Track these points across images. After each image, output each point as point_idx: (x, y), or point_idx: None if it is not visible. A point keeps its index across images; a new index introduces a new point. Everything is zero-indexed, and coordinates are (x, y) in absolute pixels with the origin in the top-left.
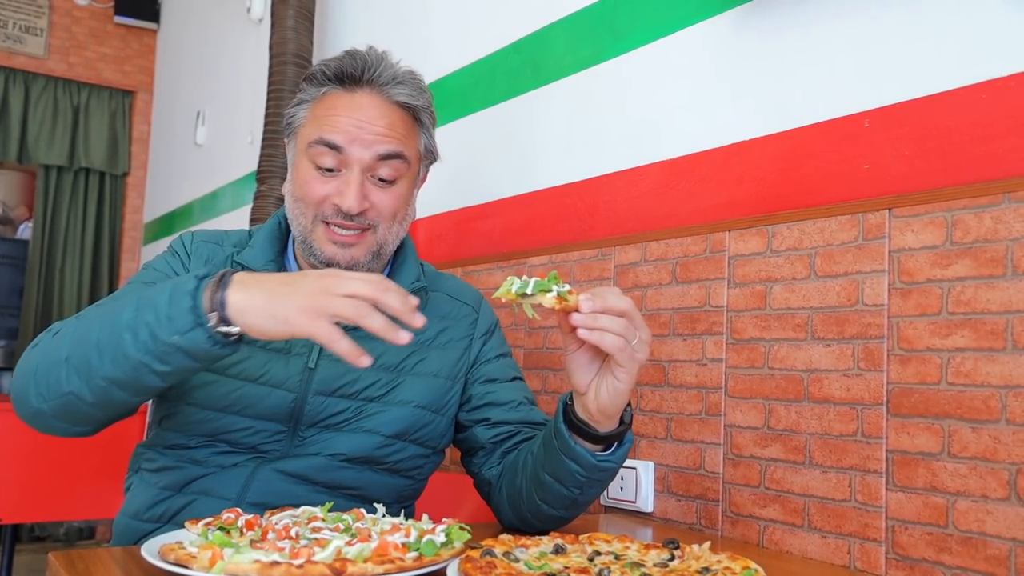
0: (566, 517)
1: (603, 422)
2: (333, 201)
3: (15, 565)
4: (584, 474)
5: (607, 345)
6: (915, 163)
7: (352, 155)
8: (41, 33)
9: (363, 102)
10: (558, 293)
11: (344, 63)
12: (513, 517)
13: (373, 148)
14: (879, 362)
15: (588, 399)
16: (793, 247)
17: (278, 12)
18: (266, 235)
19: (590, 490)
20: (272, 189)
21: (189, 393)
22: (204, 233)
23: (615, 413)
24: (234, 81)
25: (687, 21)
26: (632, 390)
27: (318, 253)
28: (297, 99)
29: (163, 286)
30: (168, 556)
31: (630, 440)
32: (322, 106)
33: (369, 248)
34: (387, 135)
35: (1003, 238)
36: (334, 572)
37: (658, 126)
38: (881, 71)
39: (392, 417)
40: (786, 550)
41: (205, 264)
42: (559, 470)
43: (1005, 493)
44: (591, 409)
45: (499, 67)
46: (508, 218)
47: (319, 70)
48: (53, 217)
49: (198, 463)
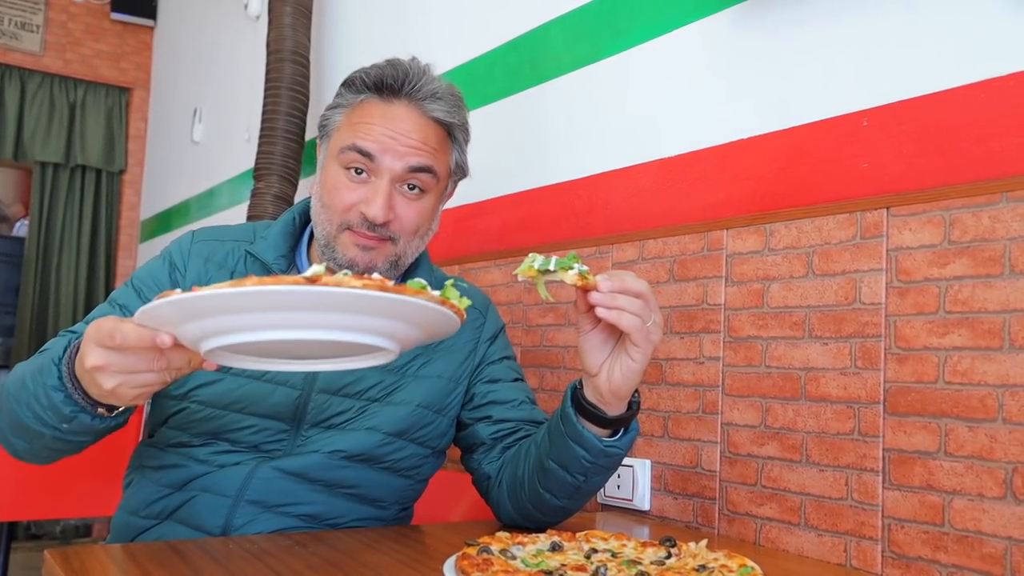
0: (568, 507)
1: (613, 404)
2: (360, 209)
3: (11, 563)
4: (590, 459)
5: (625, 324)
6: (913, 162)
7: (383, 164)
8: (37, 30)
9: (399, 113)
10: (579, 271)
11: (385, 73)
12: (512, 509)
13: (404, 160)
14: (876, 361)
15: (600, 380)
16: (791, 246)
17: (275, 9)
18: (280, 229)
19: (594, 478)
20: (269, 187)
21: (193, 392)
22: (205, 231)
23: (626, 394)
24: (231, 78)
25: (685, 19)
26: (644, 371)
27: (340, 256)
28: (334, 102)
29: (42, 371)
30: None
31: (636, 429)
32: (358, 113)
33: (387, 257)
34: (420, 148)
35: (1001, 237)
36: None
37: (656, 124)
38: (880, 70)
39: (393, 416)
40: (782, 548)
41: (205, 263)
42: (564, 456)
43: (1001, 492)
44: (603, 390)
45: (497, 64)
46: (506, 216)
47: (359, 77)
48: (49, 214)
49: (200, 462)
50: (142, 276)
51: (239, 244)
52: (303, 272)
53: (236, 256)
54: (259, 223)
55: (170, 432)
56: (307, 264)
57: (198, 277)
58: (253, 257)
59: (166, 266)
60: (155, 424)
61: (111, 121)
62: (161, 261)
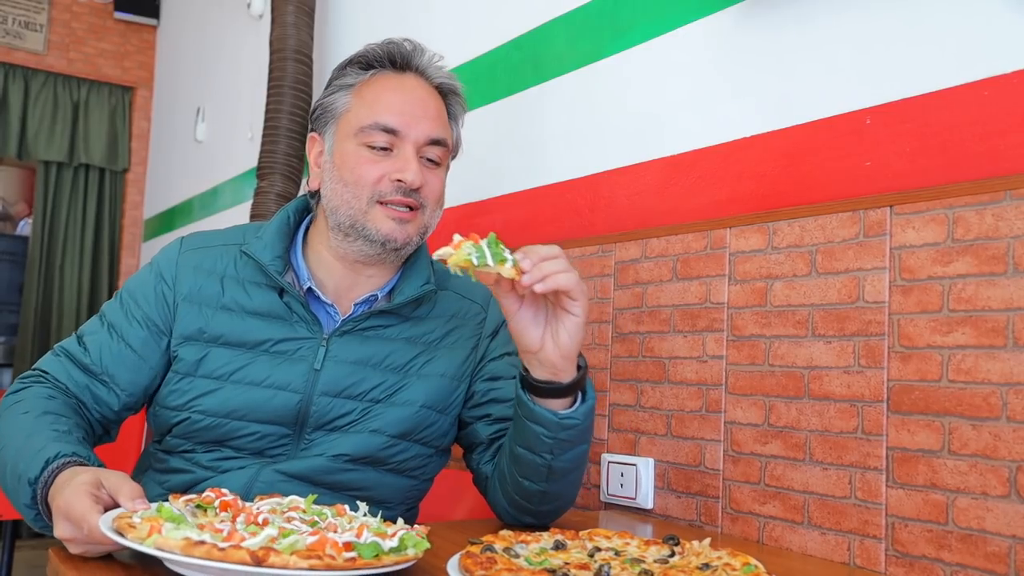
0: (548, 491)
1: (566, 369)
2: (392, 177)
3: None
4: (549, 435)
5: (562, 283)
6: (917, 160)
7: (408, 136)
8: (41, 29)
9: (412, 83)
10: (513, 263)
11: (393, 47)
12: (507, 505)
13: (425, 131)
14: (880, 359)
15: (547, 350)
16: (794, 244)
17: (278, 8)
18: (277, 228)
19: (561, 455)
20: (272, 185)
21: (192, 402)
22: (193, 239)
23: (575, 352)
24: (234, 77)
25: (688, 17)
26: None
27: (373, 233)
28: (333, 87)
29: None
30: (114, 524)
31: (593, 397)
32: (371, 89)
33: (418, 228)
34: (436, 118)
35: (1004, 235)
36: (254, 560)
37: (659, 123)
38: (883, 68)
39: (397, 417)
40: (786, 547)
41: (195, 272)
42: (527, 438)
43: (1005, 490)
44: (553, 359)
45: (500, 63)
46: (509, 214)
47: (366, 54)
48: (53, 213)
49: (204, 467)
50: (132, 290)
51: (229, 247)
52: (300, 278)
53: (226, 260)
54: (249, 225)
55: (174, 440)
56: (303, 266)
57: (190, 290)
58: (247, 257)
59: (154, 279)
60: (159, 432)
61: (114, 120)
62: (149, 272)
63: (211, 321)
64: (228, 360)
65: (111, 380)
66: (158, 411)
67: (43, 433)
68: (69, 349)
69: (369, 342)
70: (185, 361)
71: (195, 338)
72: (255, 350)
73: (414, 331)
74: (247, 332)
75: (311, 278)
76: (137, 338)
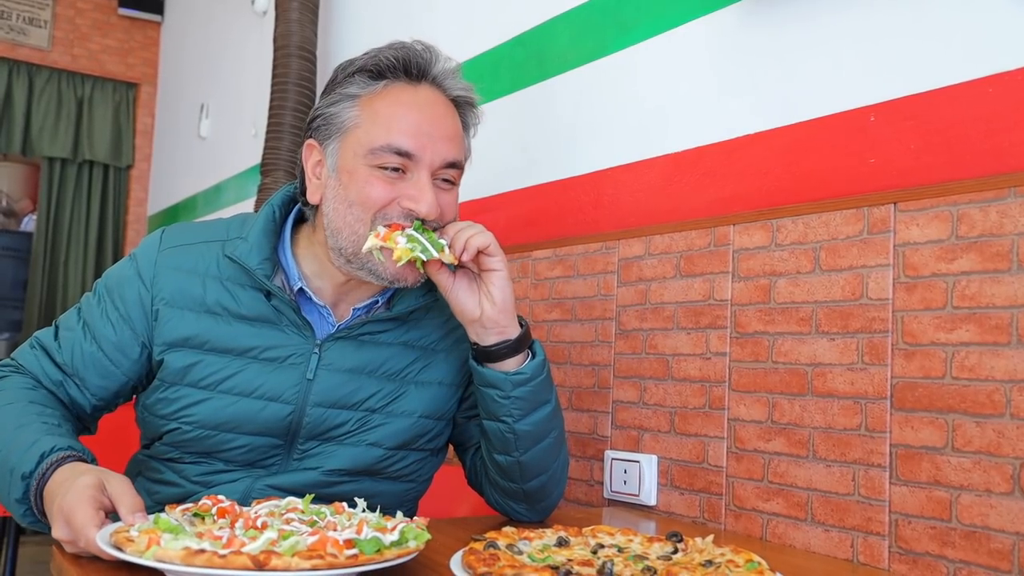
0: (523, 462)
1: (509, 324)
2: (403, 204)
3: (19, 557)
4: (503, 394)
5: (481, 242)
6: (921, 157)
7: (423, 159)
8: (45, 25)
9: (427, 98)
10: (445, 247)
11: (408, 54)
12: (496, 493)
13: (441, 154)
14: (883, 356)
15: (486, 311)
16: (798, 241)
17: (282, 5)
18: (262, 227)
19: (523, 418)
20: (275, 182)
21: (180, 412)
22: (173, 234)
23: (510, 305)
24: (238, 74)
25: (692, 15)
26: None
27: (380, 271)
28: (337, 95)
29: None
30: (111, 538)
31: (541, 353)
32: (384, 104)
33: None
34: (452, 139)
35: (1008, 232)
36: (256, 564)
37: (662, 120)
38: (887, 65)
39: (396, 429)
40: (789, 544)
41: (175, 272)
42: (488, 406)
43: (1009, 487)
44: (494, 315)
45: (504, 60)
46: (512, 211)
47: (378, 62)
48: (57, 210)
49: (194, 483)
50: (110, 287)
51: (211, 245)
52: (290, 278)
53: (208, 258)
54: (232, 220)
55: (163, 447)
56: (294, 267)
57: (171, 294)
58: (231, 260)
59: (133, 278)
60: (148, 438)
61: (118, 116)
62: (129, 268)
63: (195, 327)
64: (216, 368)
65: (82, 383)
66: (147, 417)
67: (33, 425)
68: (45, 344)
69: (364, 348)
70: (171, 369)
71: (180, 345)
72: (243, 357)
73: (410, 335)
74: (234, 338)
75: (302, 278)
76: (109, 341)
